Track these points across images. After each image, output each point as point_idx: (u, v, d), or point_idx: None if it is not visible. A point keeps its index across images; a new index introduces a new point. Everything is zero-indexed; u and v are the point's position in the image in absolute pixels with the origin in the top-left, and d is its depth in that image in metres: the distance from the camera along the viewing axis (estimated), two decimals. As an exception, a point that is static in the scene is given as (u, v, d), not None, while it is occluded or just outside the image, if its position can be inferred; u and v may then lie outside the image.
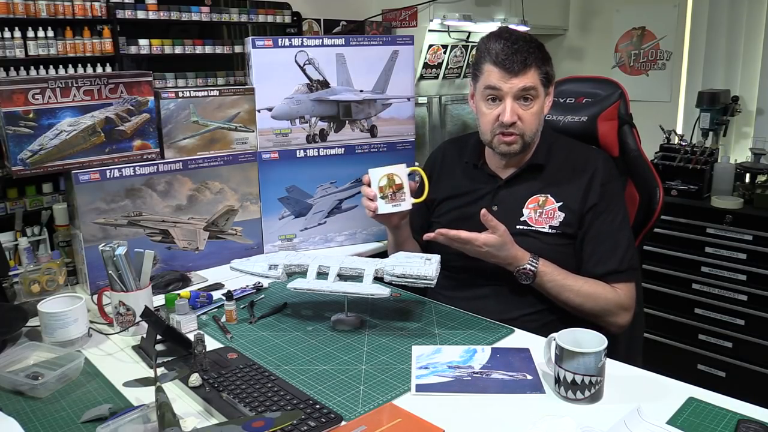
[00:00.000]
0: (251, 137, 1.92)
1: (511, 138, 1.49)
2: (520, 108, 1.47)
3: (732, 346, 2.73)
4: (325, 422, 1.03)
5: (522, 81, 1.44)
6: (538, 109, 1.49)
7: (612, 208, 1.51)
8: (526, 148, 1.53)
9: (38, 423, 1.08)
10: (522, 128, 1.48)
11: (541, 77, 1.47)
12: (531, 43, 1.46)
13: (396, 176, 1.52)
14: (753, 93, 3.24)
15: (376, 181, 1.52)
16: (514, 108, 1.46)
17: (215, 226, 1.88)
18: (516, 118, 1.47)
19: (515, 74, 1.44)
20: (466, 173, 1.65)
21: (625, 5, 3.70)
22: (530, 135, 1.50)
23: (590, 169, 1.52)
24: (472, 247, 1.43)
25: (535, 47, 1.46)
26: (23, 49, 1.95)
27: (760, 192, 2.68)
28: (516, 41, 1.45)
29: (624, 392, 1.13)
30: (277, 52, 1.91)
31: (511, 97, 1.46)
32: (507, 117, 1.46)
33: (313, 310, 1.55)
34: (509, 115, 1.46)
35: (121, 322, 1.43)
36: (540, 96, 1.48)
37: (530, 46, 1.45)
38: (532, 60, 1.45)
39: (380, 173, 1.52)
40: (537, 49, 1.46)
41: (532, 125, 1.49)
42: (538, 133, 1.53)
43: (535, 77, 1.46)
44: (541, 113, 1.51)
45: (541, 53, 1.48)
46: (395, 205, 1.53)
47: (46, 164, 1.62)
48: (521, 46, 1.44)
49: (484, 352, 1.29)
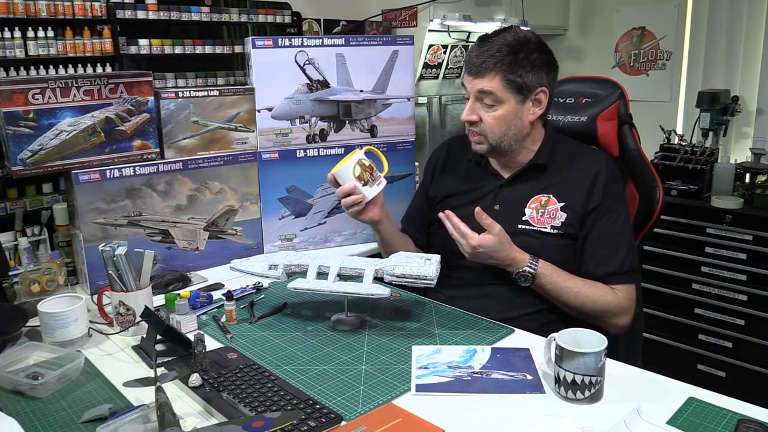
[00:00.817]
0: (251, 137, 1.92)
1: (476, 138, 1.54)
2: (482, 109, 1.50)
3: (732, 346, 2.73)
4: (325, 422, 1.03)
5: (480, 83, 1.47)
6: (503, 114, 1.48)
7: (614, 210, 1.51)
8: (498, 151, 1.53)
9: (38, 423, 1.08)
10: (483, 129, 1.51)
11: (504, 83, 1.45)
12: (505, 48, 1.44)
13: (363, 159, 1.57)
14: (753, 93, 3.24)
15: (349, 174, 1.55)
16: (474, 107, 1.51)
17: (215, 226, 1.88)
18: (474, 116, 1.51)
19: (474, 75, 1.48)
20: (469, 171, 1.65)
21: (625, 5, 3.70)
22: (494, 138, 1.50)
23: (593, 170, 1.52)
24: (468, 243, 1.42)
25: (505, 53, 1.44)
26: (23, 49, 1.95)
27: (760, 192, 2.68)
28: (489, 44, 1.46)
29: (624, 392, 1.13)
30: (277, 52, 1.91)
31: (472, 97, 1.51)
32: (464, 114, 1.53)
33: (313, 310, 1.55)
34: (465, 112, 1.52)
35: (121, 322, 1.43)
36: (506, 102, 1.47)
37: (500, 51, 1.44)
38: (492, 64, 1.44)
39: (351, 165, 1.55)
40: (507, 55, 1.44)
41: (493, 128, 1.49)
42: (508, 139, 1.51)
43: (496, 82, 1.45)
44: (508, 119, 1.48)
45: (511, 59, 1.43)
46: (378, 184, 1.58)
47: (46, 164, 1.62)
48: (487, 49, 1.46)
49: (484, 352, 1.29)
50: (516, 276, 1.46)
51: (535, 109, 1.51)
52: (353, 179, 1.54)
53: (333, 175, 1.57)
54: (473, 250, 1.43)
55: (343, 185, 1.56)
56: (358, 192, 1.55)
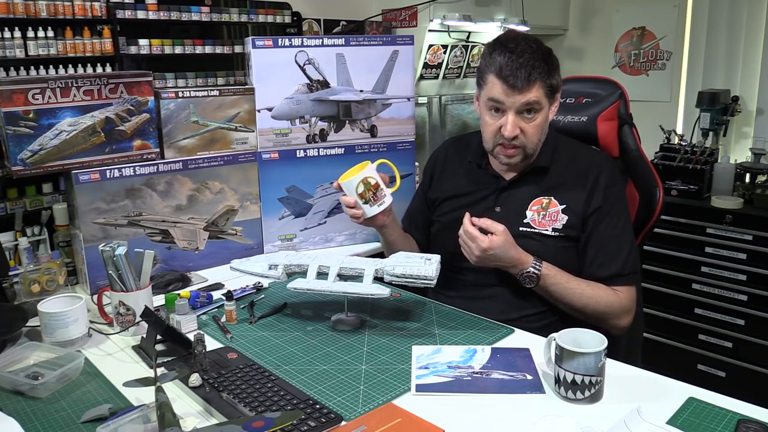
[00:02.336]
0: (251, 137, 1.92)
1: (512, 151, 1.48)
2: (522, 121, 1.45)
3: (732, 346, 2.73)
4: (325, 422, 1.03)
5: (525, 96, 1.41)
6: (542, 120, 1.47)
7: (615, 212, 1.50)
8: (526, 158, 1.52)
9: (38, 423, 1.08)
10: (524, 141, 1.47)
11: (545, 90, 1.43)
12: (536, 54, 1.41)
13: (370, 178, 1.53)
14: (753, 93, 3.24)
15: (352, 190, 1.53)
16: (516, 122, 1.44)
17: (215, 226, 1.88)
18: (518, 131, 1.44)
19: (518, 90, 1.41)
20: (470, 173, 1.64)
21: (625, 5, 3.70)
22: (532, 148, 1.49)
23: (594, 172, 1.51)
24: (478, 246, 1.41)
25: (540, 60, 1.41)
26: (23, 49, 1.95)
27: (760, 192, 2.68)
28: (522, 54, 1.40)
29: (624, 392, 1.13)
30: (277, 52, 1.91)
31: (513, 111, 1.43)
32: (508, 131, 1.44)
33: (313, 310, 1.55)
34: (510, 129, 1.44)
35: (121, 322, 1.43)
36: (544, 108, 1.45)
37: (535, 59, 1.40)
38: (537, 75, 1.40)
39: (355, 181, 1.52)
40: (543, 62, 1.41)
41: (534, 138, 1.47)
42: (540, 143, 1.51)
43: (539, 91, 1.42)
44: (544, 124, 1.48)
45: (547, 65, 1.42)
46: (380, 204, 1.53)
47: (46, 164, 1.62)
48: (526, 60, 1.39)
49: (484, 352, 1.29)
50: (520, 277, 1.45)
51: (554, 109, 1.51)
52: (355, 195, 1.53)
53: (338, 184, 1.56)
54: (483, 254, 1.41)
55: (345, 197, 1.56)
56: (359, 207, 1.55)
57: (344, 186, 1.55)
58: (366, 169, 1.53)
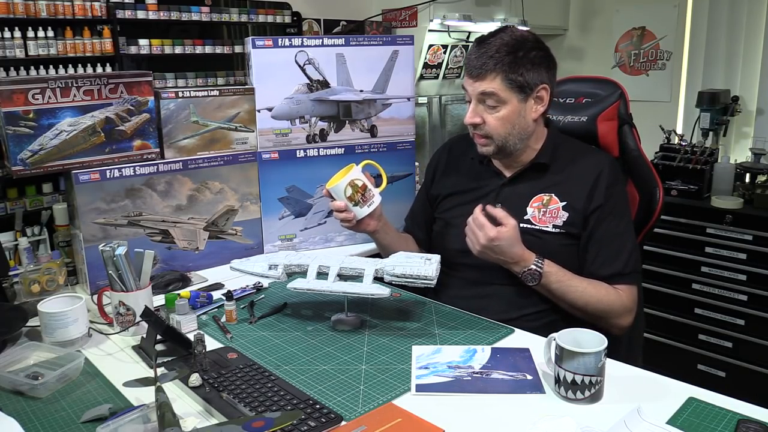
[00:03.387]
0: (251, 137, 1.92)
1: (482, 140, 1.53)
2: (485, 111, 1.50)
3: (732, 346, 2.73)
4: (325, 422, 1.03)
5: (481, 85, 1.47)
6: (507, 114, 1.48)
7: (617, 211, 1.51)
8: (504, 152, 1.53)
9: (38, 423, 1.08)
10: (487, 131, 1.50)
11: (506, 83, 1.45)
12: (504, 48, 1.44)
13: (356, 180, 1.55)
14: (753, 93, 3.24)
15: (341, 194, 1.55)
16: (477, 110, 1.50)
17: (215, 226, 1.88)
18: (477, 119, 1.50)
19: (475, 78, 1.48)
20: (471, 170, 1.65)
21: (625, 5, 3.70)
22: (499, 139, 1.50)
23: (596, 170, 1.52)
24: (485, 235, 1.40)
25: (504, 53, 1.44)
26: (23, 49, 1.95)
27: (760, 192, 2.68)
28: (487, 45, 1.46)
29: (624, 392, 1.13)
30: (277, 52, 1.91)
31: (474, 99, 1.50)
32: (466, 117, 1.52)
33: (313, 310, 1.55)
34: (468, 115, 1.51)
35: (121, 322, 1.43)
36: (508, 102, 1.47)
37: (498, 52, 1.44)
38: (493, 66, 1.44)
39: (342, 185, 1.54)
40: (506, 55, 1.44)
41: (498, 129, 1.49)
42: (513, 138, 1.51)
43: (497, 83, 1.45)
44: (512, 118, 1.49)
45: (511, 58, 1.44)
46: (370, 205, 1.57)
47: (46, 164, 1.62)
48: (487, 50, 1.45)
49: (484, 352, 1.29)
50: (523, 275, 1.45)
51: (538, 107, 1.51)
52: (344, 199, 1.55)
53: (327, 190, 1.58)
54: (488, 243, 1.40)
55: (335, 201, 1.57)
56: (350, 210, 1.56)
57: (332, 191, 1.57)
58: (351, 172, 1.56)
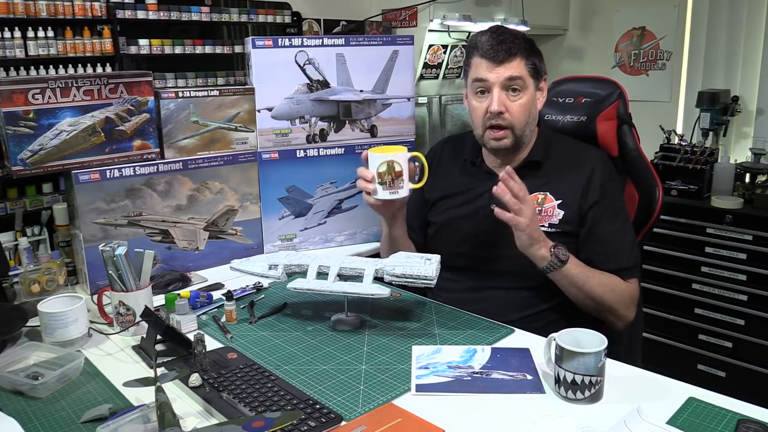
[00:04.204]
0: (251, 137, 1.92)
1: (501, 133, 1.50)
2: (508, 99, 1.49)
3: (732, 346, 2.73)
4: (325, 422, 1.03)
5: (508, 70, 1.46)
6: (527, 100, 1.49)
7: (614, 207, 1.51)
8: (517, 144, 1.52)
9: (38, 423, 1.08)
10: (510, 120, 1.49)
11: (528, 68, 1.48)
12: (517, 35, 1.49)
13: (396, 163, 1.46)
14: (753, 93, 3.24)
15: (375, 165, 1.46)
16: (502, 98, 1.48)
17: (215, 226, 1.88)
18: (503, 107, 1.48)
19: (500, 63, 1.46)
20: (464, 171, 1.64)
21: (625, 5, 3.70)
22: (520, 128, 1.50)
23: (589, 167, 1.52)
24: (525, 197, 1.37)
25: (521, 39, 1.49)
26: (23, 49, 1.95)
27: (760, 192, 2.68)
28: (502, 34, 1.49)
29: (624, 392, 1.13)
30: (277, 52, 1.91)
31: (498, 86, 1.48)
32: (494, 106, 1.47)
33: (313, 310, 1.55)
34: (496, 103, 1.47)
35: (121, 322, 1.43)
36: (529, 87, 1.49)
37: (516, 38, 1.48)
38: (517, 49, 1.47)
39: (380, 159, 1.46)
40: (523, 41, 1.49)
41: (520, 117, 1.49)
42: (528, 128, 1.52)
43: (522, 67, 1.47)
44: (530, 106, 1.50)
45: (528, 45, 1.50)
46: (392, 192, 1.48)
47: (46, 164, 1.62)
48: (506, 37, 1.48)
49: (484, 352, 1.29)
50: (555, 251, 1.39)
51: (542, 98, 1.53)
52: (375, 171, 1.47)
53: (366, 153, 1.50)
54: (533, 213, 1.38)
55: (365, 169, 1.49)
56: (373, 185, 1.48)
57: (370, 158, 1.48)
58: (397, 154, 1.47)
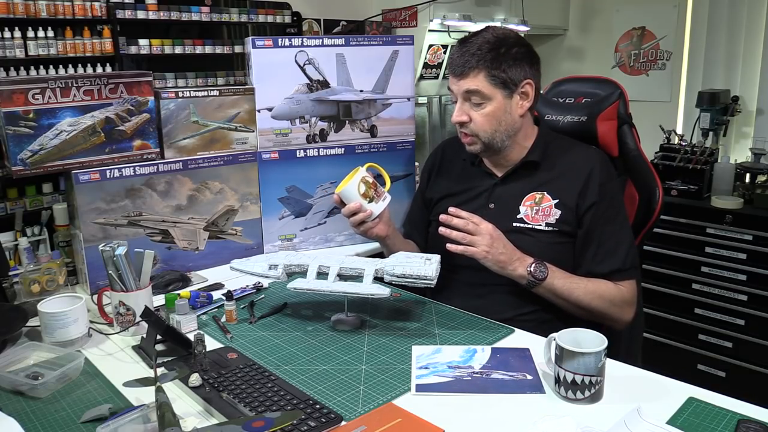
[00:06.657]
0: (251, 137, 1.92)
1: (468, 139, 1.54)
2: (471, 109, 1.51)
3: (732, 346, 2.73)
4: (325, 422, 1.03)
5: (465, 83, 1.48)
6: (492, 110, 1.49)
7: (613, 208, 1.51)
8: (492, 149, 1.54)
9: (38, 423, 1.08)
10: (473, 129, 1.51)
11: (489, 80, 1.47)
12: (486, 45, 1.46)
13: (366, 177, 1.58)
14: (753, 93, 3.24)
15: (354, 192, 1.56)
16: (464, 108, 1.52)
17: (215, 226, 1.88)
18: (464, 117, 1.51)
19: (459, 76, 1.49)
20: (464, 172, 1.65)
21: (625, 5, 3.70)
22: (485, 136, 1.51)
23: (587, 167, 1.52)
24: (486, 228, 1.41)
25: (487, 50, 1.46)
26: (23, 49, 1.95)
27: (760, 192, 2.68)
28: (469, 44, 1.48)
29: (624, 392, 1.13)
30: (277, 52, 1.90)
31: (460, 98, 1.52)
32: (454, 116, 1.53)
33: (313, 310, 1.55)
34: (456, 113, 1.53)
35: (121, 322, 1.43)
36: (493, 98, 1.48)
37: (480, 50, 1.46)
38: (476, 63, 1.46)
39: (354, 183, 1.55)
40: (489, 52, 1.46)
41: (483, 127, 1.50)
42: (499, 135, 1.51)
43: (480, 80, 1.47)
44: (497, 115, 1.49)
45: (494, 55, 1.45)
46: (384, 199, 1.59)
47: (46, 164, 1.62)
48: (469, 49, 1.47)
49: (484, 352, 1.29)
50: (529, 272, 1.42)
51: (524, 102, 1.52)
52: (359, 197, 1.55)
53: (338, 195, 1.58)
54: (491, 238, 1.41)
55: (348, 204, 1.57)
56: (365, 209, 1.56)
57: (344, 193, 1.56)
58: (358, 172, 1.58)
